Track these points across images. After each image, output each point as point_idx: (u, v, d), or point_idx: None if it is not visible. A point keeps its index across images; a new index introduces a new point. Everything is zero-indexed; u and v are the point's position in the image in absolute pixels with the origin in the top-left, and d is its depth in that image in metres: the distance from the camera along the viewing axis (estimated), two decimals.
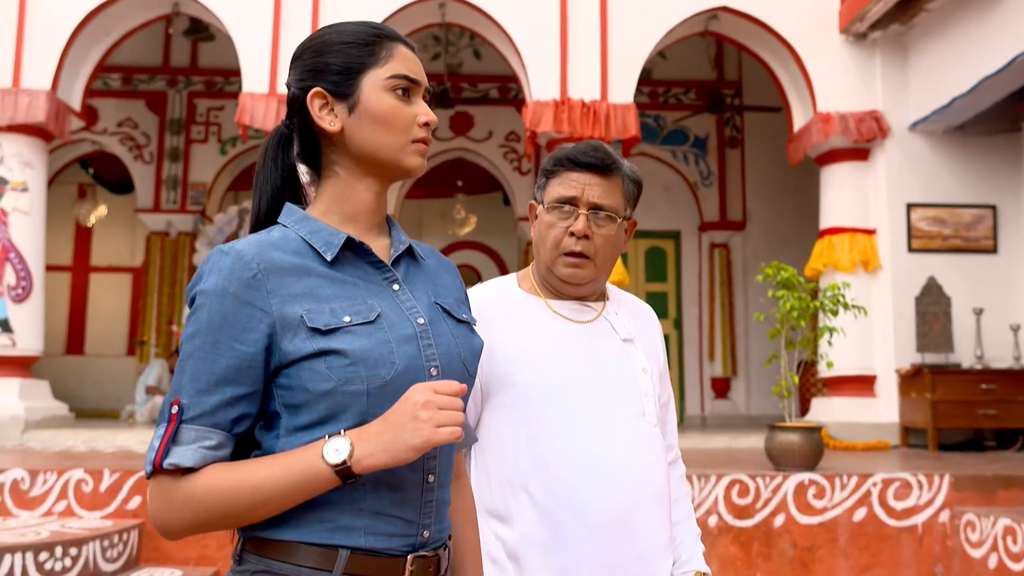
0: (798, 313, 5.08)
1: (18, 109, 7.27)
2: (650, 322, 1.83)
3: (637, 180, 1.75)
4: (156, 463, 1.10)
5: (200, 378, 1.12)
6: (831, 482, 4.89)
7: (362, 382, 1.15)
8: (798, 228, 10.45)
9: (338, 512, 1.15)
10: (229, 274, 1.14)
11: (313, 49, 1.28)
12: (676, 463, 1.84)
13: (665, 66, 11.33)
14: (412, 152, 1.27)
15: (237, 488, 1.11)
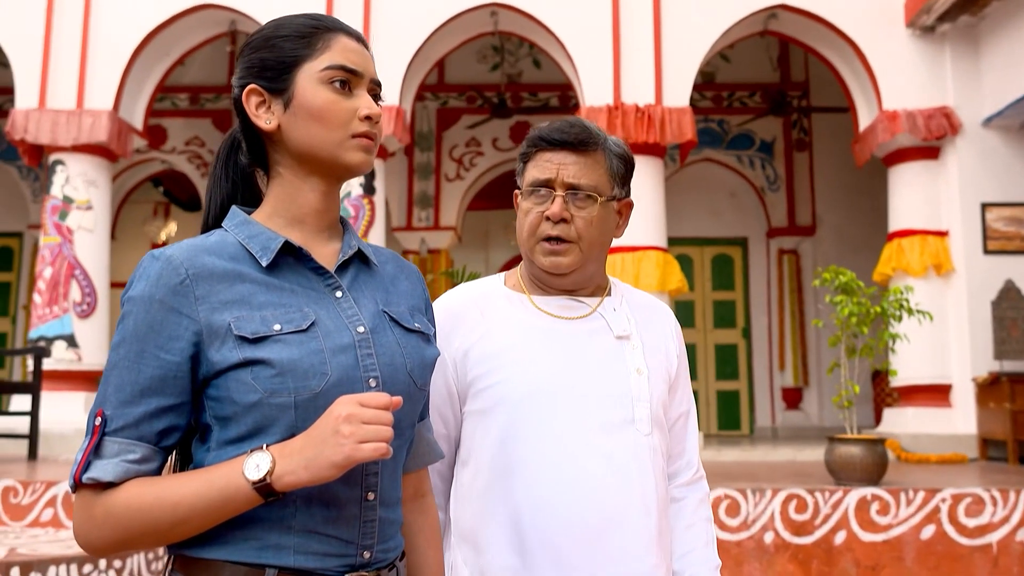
0: (857, 319, 4.83)
1: (82, 130, 7.46)
2: (661, 321, 1.64)
3: (624, 156, 1.57)
4: (76, 477, 1.06)
5: (124, 388, 1.08)
6: (896, 497, 4.62)
7: (289, 394, 1.09)
8: (871, 232, 10.07)
9: (266, 530, 1.09)
10: (157, 280, 1.09)
11: (252, 46, 1.22)
12: (695, 484, 1.64)
13: (728, 69, 11.08)
14: (352, 148, 1.19)
15: (157, 505, 1.05)
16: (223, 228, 1.19)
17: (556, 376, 1.50)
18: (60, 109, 7.58)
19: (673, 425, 1.62)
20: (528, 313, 1.57)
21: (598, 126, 1.59)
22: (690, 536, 1.58)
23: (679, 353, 1.63)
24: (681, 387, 1.64)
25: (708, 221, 11.07)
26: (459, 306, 1.59)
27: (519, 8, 7.62)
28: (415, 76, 7.92)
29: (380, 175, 7.77)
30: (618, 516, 1.45)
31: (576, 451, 1.46)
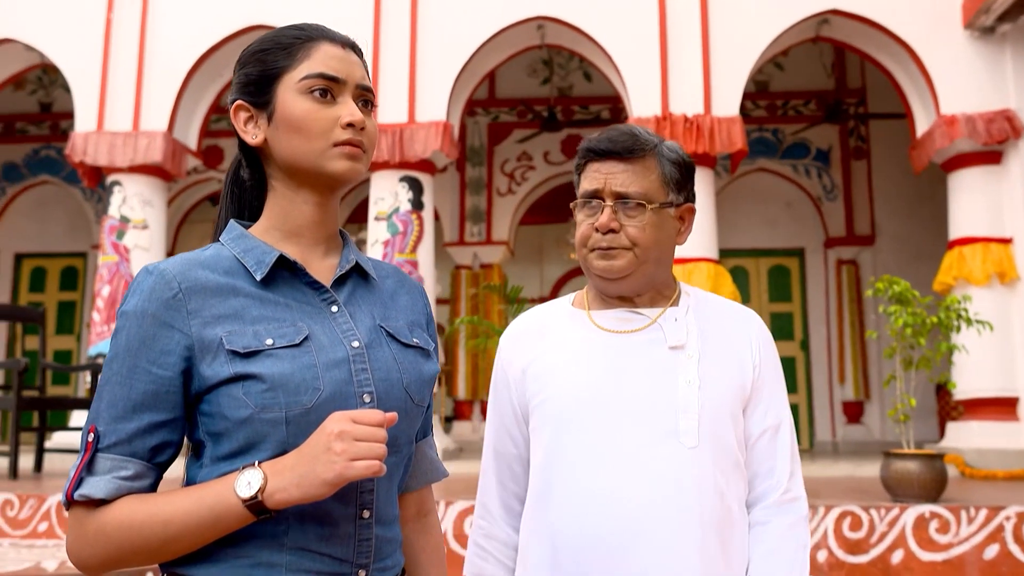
0: (913, 330, 4.67)
1: (137, 151, 7.64)
2: (739, 330, 1.55)
3: (679, 161, 1.53)
4: (68, 494, 1.05)
5: (117, 404, 1.07)
6: (956, 515, 4.45)
7: (280, 409, 1.08)
8: (933, 240, 9.77)
9: (258, 548, 1.08)
10: (150, 294, 1.09)
11: (241, 61, 1.23)
12: (784, 506, 1.49)
13: (782, 77, 10.91)
14: (335, 156, 1.16)
15: (149, 522, 1.04)
16: (220, 242, 1.19)
17: (599, 390, 1.48)
18: (117, 131, 7.77)
19: (757, 441, 1.51)
20: (585, 329, 1.55)
21: (652, 131, 1.56)
22: (770, 563, 1.45)
23: (761, 364, 1.53)
24: (765, 400, 1.52)
25: (764, 232, 10.87)
26: (522, 328, 1.63)
27: (565, 21, 7.59)
28: (462, 91, 7.94)
29: (429, 190, 7.80)
30: (648, 532, 1.40)
31: (609, 465, 1.44)
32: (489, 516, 1.62)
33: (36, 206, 12.14)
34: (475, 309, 11.00)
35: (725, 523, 1.44)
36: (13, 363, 5.94)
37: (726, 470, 1.46)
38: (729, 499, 1.45)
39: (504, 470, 1.62)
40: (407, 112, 7.55)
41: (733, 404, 1.48)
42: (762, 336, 1.56)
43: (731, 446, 1.47)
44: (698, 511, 1.41)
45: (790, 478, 1.50)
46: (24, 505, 4.93)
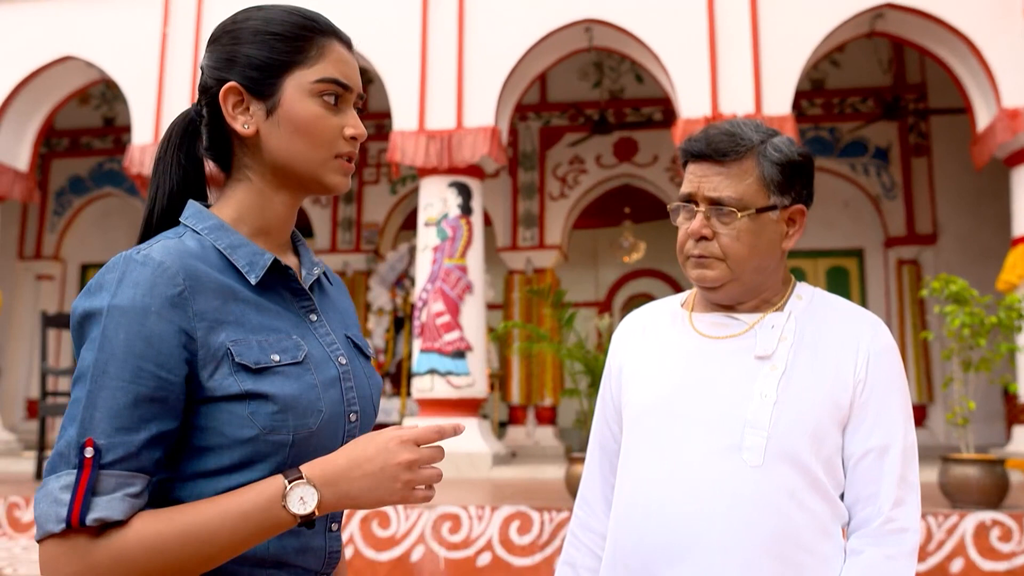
0: (970, 331, 4.52)
1: None
2: (846, 338, 1.42)
3: (782, 161, 1.41)
4: (75, 520, 0.90)
5: (121, 413, 0.93)
6: (1019, 523, 4.29)
7: (288, 432, 1.01)
8: (998, 239, 9.47)
9: (239, 564, 1.01)
10: (150, 288, 0.97)
11: (232, 34, 1.10)
12: (885, 537, 1.34)
13: (838, 75, 10.69)
14: (335, 168, 1.11)
15: (183, 542, 0.94)
16: (191, 228, 1.07)
17: (673, 397, 1.43)
18: None
19: (858, 463, 1.37)
20: (681, 332, 1.50)
21: (761, 126, 1.46)
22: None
23: (868, 378, 1.38)
24: (871, 418, 1.37)
25: (821, 232, 10.65)
26: (628, 325, 1.61)
27: (612, 23, 7.54)
28: (511, 96, 7.94)
29: (478, 195, 7.80)
30: (695, 548, 1.33)
31: (668, 474, 1.39)
32: (587, 507, 1.61)
33: (100, 217, 12.48)
34: (528, 314, 10.98)
35: (789, 548, 1.33)
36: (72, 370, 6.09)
37: (798, 492, 1.34)
38: (800, 523, 1.33)
39: (605, 463, 1.60)
40: (455, 118, 7.57)
41: (820, 421, 1.37)
42: (875, 347, 1.41)
43: (809, 468, 1.35)
44: (752, 531, 1.32)
45: (895, 506, 1.35)
46: None
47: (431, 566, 4.60)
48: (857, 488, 1.38)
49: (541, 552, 4.53)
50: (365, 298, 11.59)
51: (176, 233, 1.06)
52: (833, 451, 1.37)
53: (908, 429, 1.39)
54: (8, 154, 8.58)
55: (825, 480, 1.36)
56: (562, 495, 5.06)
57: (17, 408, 11.72)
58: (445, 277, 7.52)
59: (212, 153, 1.13)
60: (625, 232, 12.37)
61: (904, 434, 1.38)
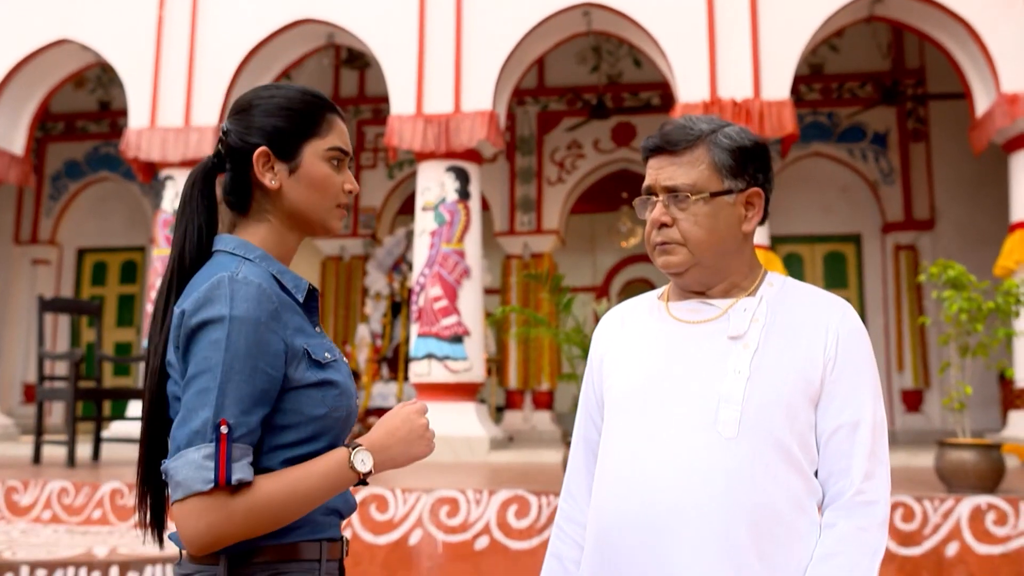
0: (968, 316, 4.52)
1: (189, 145, 7.78)
2: (815, 322, 1.47)
3: (733, 147, 1.49)
4: (222, 480, 1.20)
5: (244, 400, 1.23)
6: (1015, 507, 4.31)
7: (344, 410, 1.36)
8: (996, 225, 9.46)
9: (315, 514, 1.34)
10: (257, 304, 1.27)
11: (262, 109, 1.40)
12: (856, 509, 1.40)
13: (837, 60, 10.67)
14: (336, 216, 1.45)
15: (290, 498, 1.26)
16: (242, 257, 1.35)
17: (652, 379, 1.49)
18: (169, 127, 7.91)
19: (830, 439, 1.43)
20: (659, 320, 1.57)
21: (715, 118, 1.55)
22: (824, 567, 1.37)
23: (837, 356, 1.44)
24: (842, 395, 1.43)
25: (819, 217, 10.66)
26: (608, 319, 1.68)
27: (611, 7, 7.51)
28: (508, 80, 7.91)
29: (475, 180, 7.79)
30: (675, 521, 1.38)
31: (648, 451, 1.45)
32: (572, 500, 1.66)
33: (97, 202, 12.45)
34: (525, 299, 10.98)
35: (764, 519, 1.37)
36: (69, 354, 6.10)
37: (772, 465, 1.39)
38: (774, 495, 1.38)
39: (589, 456, 1.64)
40: (452, 102, 7.54)
41: (792, 398, 1.42)
42: (843, 328, 1.47)
43: (784, 441, 1.40)
44: (728, 503, 1.37)
45: (866, 479, 1.41)
46: (79, 492, 5.05)
47: (429, 549, 4.62)
48: (830, 463, 1.43)
49: (539, 536, 4.55)
50: (362, 283, 11.59)
51: (236, 260, 1.34)
52: (806, 427, 1.43)
53: (877, 406, 1.45)
54: (4, 138, 8.55)
55: (799, 455, 1.41)
56: (559, 479, 5.07)
57: (14, 393, 11.72)
58: (443, 262, 7.52)
59: (233, 199, 1.42)
60: (623, 217, 12.36)
61: (874, 410, 1.44)
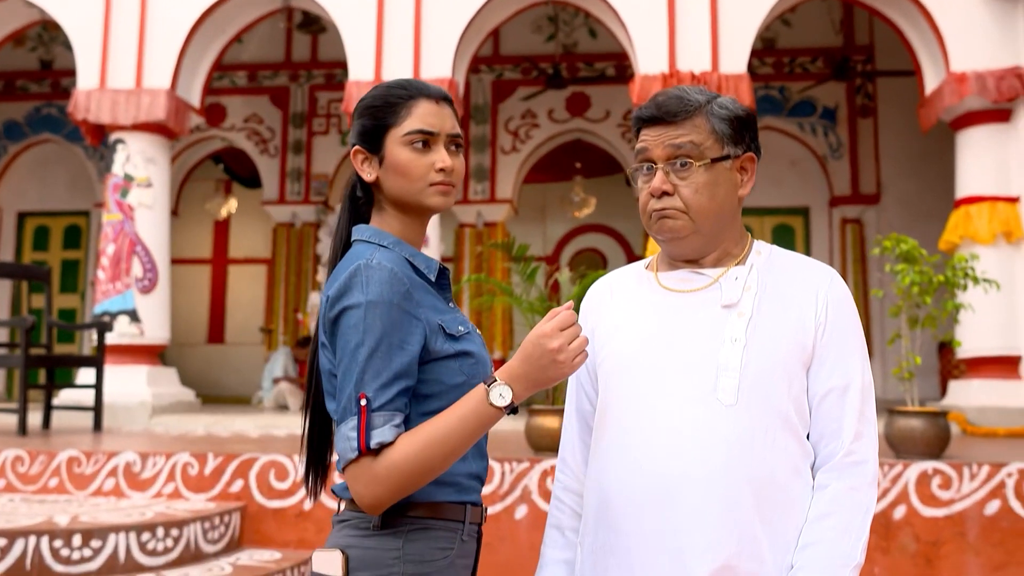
0: (920, 288, 4.67)
1: (140, 108, 7.60)
2: (804, 289, 1.51)
3: (729, 116, 1.52)
4: (363, 447, 1.35)
5: (381, 375, 1.37)
6: (959, 472, 4.48)
7: (481, 377, 1.45)
8: (939, 200, 9.74)
9: (459, 478, 1.48)
10: (390, 287, 1.40)
11: (357, 110, 1.56)
12: (846, 469, 1.45)
13: (789, 34, 10.81)
14: (432, 193, 1.52)
15: (428, 448, 1.36)
16: (383, 246, 1.49)
17: (649, 348, 1.51)
18: (120, 88, 7.71)
19: (821, 402, 1.47)
20: (649, 290, 1.59)
21: (704, 89, 1.56)
22: (820, 527, 1.42)
23: (827, 322, 1.48)
24: (832, 360, 1.47)
25: (768, 191, 10.84)
26: (597, 289, 1.70)
27: None
28: (468, 48, 7.87)
29: None
30: (679, 486, 1.41)
31: (649, 419, 1.47)
32: (568, 470, 1.68)
33: (38, 165, 12.11)
34: (479, 267, 11.01)
35: (765, 483, 1.41)
36: (20, 321, 5.97)
37: (770, 430, 1.43)
38: (773, 460, 1.42)
39: (583, 426, 1.67)
40: (412, 69, 7.49)
41: (787, 363, 1.46)
42: (832, 294, 1.51)
43: (780, 407, 1.44)
44: (730, 468, 1.40)
45: (855, 439, 1.45)
46: (34, 461, 4.98)
47: None
48: (821, 425, 1.48)
49: (502, 502, 4.61)
50: (314, 250, 11.49)
51: (372, 247, 1.48)
52: (800, 392, 1.47)
53: (865, 369, 1.50)
54: None
55: (795, 420, 1.45)
56: (521, 446, 5.15)
57: None
58: None
59: (363, 196, 1.58)
60: (576, 187, 12.42)
61: (862, 373, 1.49)
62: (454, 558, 1.45)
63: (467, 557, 1.49)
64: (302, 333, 10.86)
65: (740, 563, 1.39)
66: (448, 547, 1.45)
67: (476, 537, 1.52)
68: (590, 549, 1.53)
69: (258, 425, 7.22)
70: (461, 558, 1.47)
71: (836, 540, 1.41)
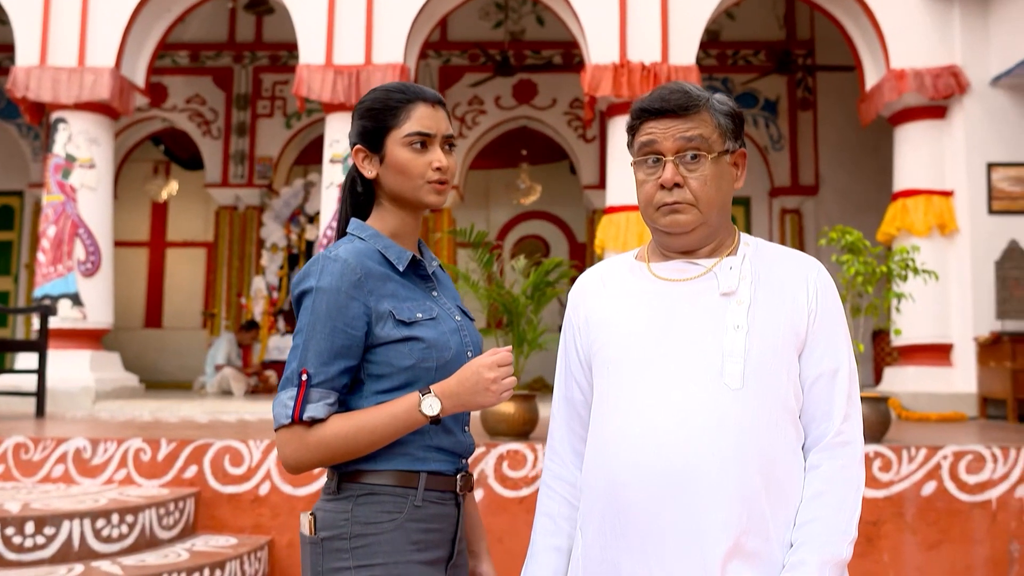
0: (864, 279, 4.85)
1: (83, 87, 7.42)
2: (793, 276, 1.57)
3: (730, 112, 1.58)
4: (296, 417, 1.53)
5: (322, 354, 1.54)
6: (898, 454, 4.67)
7: (433, 361, 1.60)
8: (875, 192, 10.06)
9: (415, 448, 1.61)
10: (340, 276, 1.56)
11: (358, 112, 1.69)
12: (836, 449, 1.52)
13: (733, 27, 10.99)
14: (428, 191, 1.66)
15: (357, 433, 1.54)
16: (360, 238, 1.65)
17: (651, 336, 1.54)
18: (61, 66, 7.52)
19: (812, 386, 1.54)
20: (643, 280, 1.62)
21: (696, 85, 1.61)
22: (816, 505, 1.48)
23: (818, 309, 1.55)
24: (822, 345, 1.54)
25: None
26: (586, 280, 1.73)
27: None
28: (419, 33, 7.85)
29: None
30: (685, 470, 1.45)
31: (657, 405, 1.49)
32: (558, 458, 1.71)
33: None
34: None
35: (771, 465, 1.47)
36: None
37: (773, 413, 1.49)
38: (776, 442, 1.49)
39: (572, 415, 1.70)
40: (364, 54, 7.44)
41: (785, 349, 1.52)
42: (820, 282, 1.57)
43: (780, 390, 1.50)
44: (740, 450, 1.45)
45: (844, 421, 1.52)
46: None
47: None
48: (812, 408, 1.54)
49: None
50: (258, 234, 11.36)
51: (349, 240, 1.66)
52: (795, 375, 1.53)
53: (850, 353, 1.58)
54: None
55: (792, 402, 1.52)
56: (477, 431, 5.20)
57: None
58: None
59: (363, 190, 1.73)
60: (522, 174, 12.47)
61: (849, 358, 1.56)
62: (403, 521, 1.57)
63: (426, 521, 1.60)
64: (246, 317, 10.74)
65: (748, 541, 1.44)
66: (395, 511, 1.57)
67: (453, 502, 1.65)
68: (596, 533, 1.54)
69: (205, 411, 7.14)
70: (414, 522, 1.58)
71: (832, 517, 1.47)
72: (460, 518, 1.67)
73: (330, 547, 1.57)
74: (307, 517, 1.61)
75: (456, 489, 1.65)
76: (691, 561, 1.44)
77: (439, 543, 1.62)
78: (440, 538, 1.63)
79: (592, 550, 1.55)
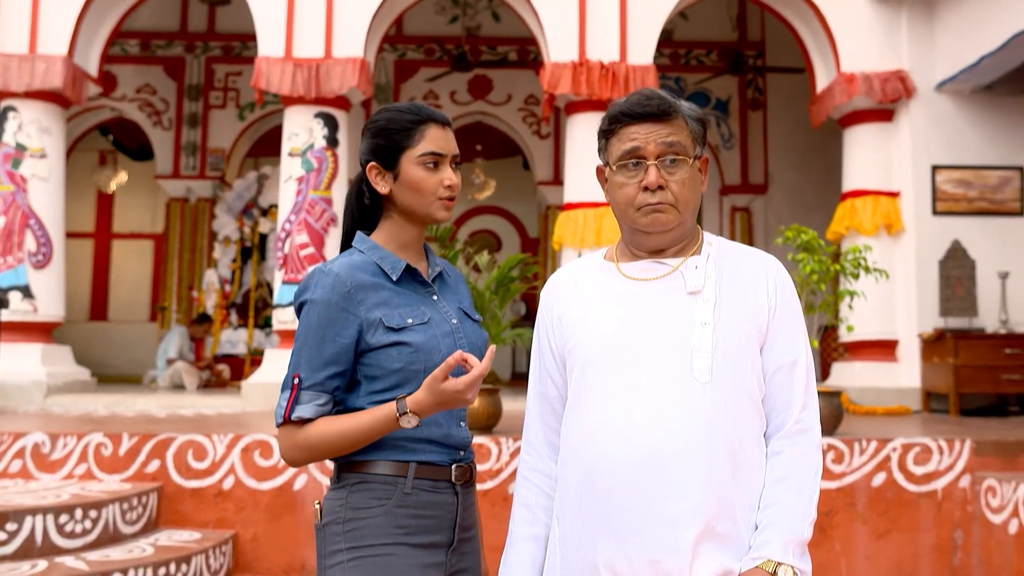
0: (818, 277, 5.00)
1: (35, 75, 7.27)
2: (754, 274, 1.66)
3: (699, 118, 1.67)
4: (286, 417, 1.68)
5: (313, 360, 1.68)
6: (850, 447, 4.84)
7: (421, 363, 1.71)
8: (822, 191, 10.31)
9: (406, 440, 1.71)
10: (332, 289, 1.69)
11: (372, 130, 1.80)
12: (796, 436, 1.61)
13: (686, 27, 11.15)
14: (438, 207, 1.79)
15: (340, 435, 1.67)
16: (359, 251, 1.78)
17: (620, 335, 1.61)
18: (12, 53, 7.36)
19: (773, 377, 1.63)
20: (613, 279, 1.69)
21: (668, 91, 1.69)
22: (779, 489, 1.58)
23: (778, 305, 1.64)
24: (782, 338, 1.64)
25: None
26: (558, 280, 1.80)
27: None
28: (379, 28, 7.84)
29: (343, 127, 7.71)
30: (659, 459, 1.53)
31: (630, 399, 1.57)
32: (533, 451, 1.78)
33: None
34: None
35: (738, 453, 1.57)
36: None
37: (739, 404, 1.58)
38: (742, 432, 1.58)
39: (546, 409, 1.77)
40: (323, 47, 7.42)
41: (749, 343, 1.61)
42: (779, 279, 1.67)
43: (746, 383, 1.60)
44: (710, 441, 1.54)
45: (803, 410, 1.63)
46: None
47: (315, 494, 4.70)
48: (772, 398, 1.64)
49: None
50: (210, 226, 11.23)
51: (348, 253, 1.79)
52: (758, 367, 1.63)
53: (807, 346, 1.67)
54: None
55: (756, 393, 1.61)
56: None
57: None
58: (310, 209, 7.44)
59: (371, 203, 1.84)
60: (476, 169, 12.52)
61: (806, 350, 1.66)
62: (391, 507, 1.69)
63: (417, 508, 1.71)
64: (198, 311, 10.61)
65: (718, 524, 1.54)
66: (385, 498, 1.69)
67: (450, 491, 1.75)
68: (574, 521, 1.62)
69: (161, 405, 7.07)
70: (403, 508, 1.70)
71: (794, 500, 1.57)
72: (460, 506, 1.76)
73: (329, 532, 1.70)
74: (316, 506, 1.75)
75: (451, 479, 1.74)
76: (665, 545, 1.52)
77: (433, 528, 1.72)
78: (434, 524, 1.72)
79: (569, 538, 1.63)
